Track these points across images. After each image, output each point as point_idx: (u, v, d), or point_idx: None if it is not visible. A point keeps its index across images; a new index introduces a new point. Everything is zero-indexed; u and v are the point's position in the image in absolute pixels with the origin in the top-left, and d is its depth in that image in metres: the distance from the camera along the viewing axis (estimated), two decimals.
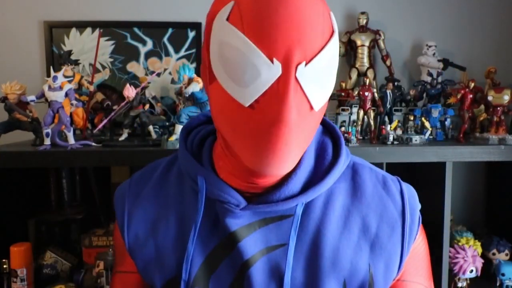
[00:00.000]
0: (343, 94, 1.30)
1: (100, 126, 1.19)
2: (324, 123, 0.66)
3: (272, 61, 0.45)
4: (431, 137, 1.25)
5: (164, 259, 0.60)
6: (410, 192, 0.63)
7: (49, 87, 1.06)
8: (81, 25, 1.48)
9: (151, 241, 0.62)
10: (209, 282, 0.57)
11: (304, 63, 0.46)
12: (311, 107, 0.48)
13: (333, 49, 0.49)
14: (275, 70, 0.45)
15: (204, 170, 0.59)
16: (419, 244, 0.63)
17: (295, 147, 0.48)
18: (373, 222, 0.59)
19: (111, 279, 0.72)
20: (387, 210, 0.60)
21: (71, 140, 1.08)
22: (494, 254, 1.29)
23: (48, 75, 1.07)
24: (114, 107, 1.21)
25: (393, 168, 0.94)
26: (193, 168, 0.60)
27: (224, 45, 0.48)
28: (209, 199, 0.58)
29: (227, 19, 0.48)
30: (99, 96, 1.28)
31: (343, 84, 1.40)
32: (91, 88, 1.22)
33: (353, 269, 0.56)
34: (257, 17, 0.46)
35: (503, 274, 1.23)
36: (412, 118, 1.26)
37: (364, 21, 1.47)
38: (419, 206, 0.63)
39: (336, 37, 0.50)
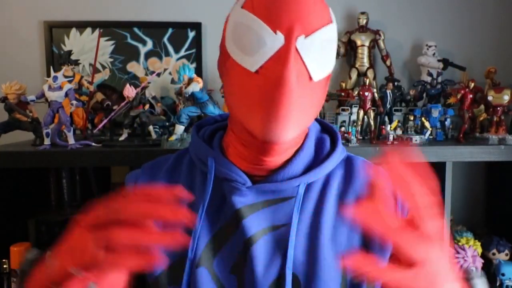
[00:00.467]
0: (343, 94, 1.30)
1: (100, 126, 1.19)
2: (322, 123, 0.73)
3: (275, 33, 0.53)
4: (431, 137, 1.25)
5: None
6: None
7: (49, 87, 1.06)
8: (81, 25, 1.48)
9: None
10: (214, 262, 0.60)
11: (303, 36, 0.53)
12: (310, 78, 0.55)
13: (331, 34, 0.57)
14: (278, 39, 0.53)
15: (214, 152, 0.65)
16: None
17: (296, 113, 0.53)
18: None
19: None
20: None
21: (71, 140, 1.08)
22: (494, 254, 1.29)
23: (48, 75, 1.07)
24: (114, 107, 1.21)
25: None
26: (204, 151, 0.66)
27: (238, 24, 0.57)
28: (217, 180, 0.63)
29: (242, 7, 0.57)
30: (99, 96, 1.28)
31: (343, 84, 1.40)
32: (91, 88, 1.22)
33: (350, 245, 0.61)
34: (266, 1, 0.55)
35: (503, 274, 1.23)
36: (412, 118, 1.27)
37: (364, 21, 1.47)
38: None
39: (333, 27, 0.57)
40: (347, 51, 1.51)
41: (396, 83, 1.34)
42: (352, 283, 0.60)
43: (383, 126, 1.23)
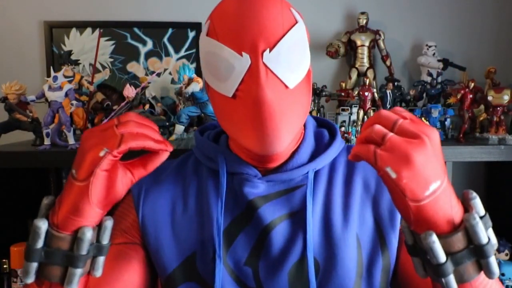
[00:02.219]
0: (343, 94, 1.30)
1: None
2: (317, 119, 0.75)
3: (241, 55, 0.55)
4: None
5: (180, 238, 0.64)
6: None
7: (49, 87, 1.06)
8: (81, 25, 1.48)
9: (168, 223, 0.65)
10: (227, 254, 0.62)
11: (268, 49, 0.54)
12: (286, 86, 0.56)
13: (298, 34, 0.58)
14: (244, 60, 0.55)
15: (223, 149, 0.67)
16: None
17: (282, 124, 0.55)
18: (371, 180, 0.66)
19: None
20: None
21: (71, 140, 1.08)
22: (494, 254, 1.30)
23: (48, 75, 1.07)
24: (114, 107, 1.21)
25: None
26: (212, 149, 0.68)
27: (207, 53, 0.59)
28: (228, 177, 0.65)
29: (207, 35, 0.60)
30: (99, 96, 1.28)
31: (343, 84, 1.40)
32: (91, 88, 1.22)
33: (361, 222, 0.63)
34: (225, 25, 0.57)
35: (503, 274, 1.23)
36: None
37: (364, 21, 1.47)
38: None
39: (299, 26, 0.58)
40: (347, 51, 1.51)
41: (396, 83, 1.34)
42: (368, 259, 0.62)
43: None
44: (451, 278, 0.44)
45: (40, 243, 0.49)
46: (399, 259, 0.63)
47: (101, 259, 0.52)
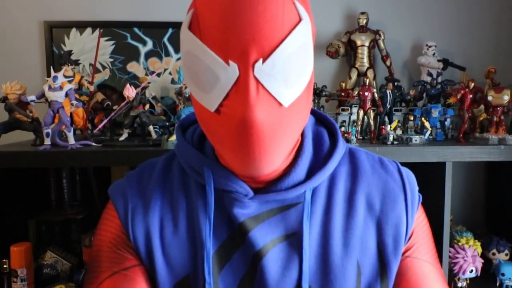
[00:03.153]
0: (343, 94, 1.30)
1: (100, 126, 1.19)
2: (315, 114, 0.66)
3: (228, 64, 0.44)
4: (431, 137, 1.25)
5: (172, 260, 0.58)
6: (408, 171, 0.64)
7: (49, 87, 1.06)
8: (81, 25, 1.48)
9: (158, 241, 0.59)
10: (218, 277, 0.56)
11: (261, 60, 0.44)
12: (280, 104, 0.47)
13: (300, 38, 0.46)
14: (231, 72, 0.44)
15: (210, 161, 0.58)
16: (421, 222, 0.63)
17: (272, 147, 0.47)
18: (376, 199, 0.59)
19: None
20: (388, 186, 0.61)
21: (71, 140, 1.08)
22: (494, 254, 1.30)
23: (48, 75, 1.07)
24: (114, 107, 1.21)
25: None
26: (198, 161, 0.58)
27: (187, 54, 0.49)
28: (216, 191, 0.58)
29: (189, 28, 0.48)
30: (99, 96, 1.28)
31: (343, 84, 1.40)
32: (91, 88, 1.23)
33: (363, 248, 0.57)
34: (211, 21, 0.45)
35: (503, 274, 1.23)
36: (412, 118, 1.27)
37: (364, 21, 1.47)
38: (417, 186, 0.63)
39: (304, 25, 0.47)
40: (347, 51, 1.51)
41: (396, 83, 1.34)
42: (366, 287, 0.57)
43: (383, 126, 1.23)
44: None
45: None
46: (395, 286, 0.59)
47: None
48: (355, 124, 1.26)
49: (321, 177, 0.57)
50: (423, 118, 1.26)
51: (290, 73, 0.46)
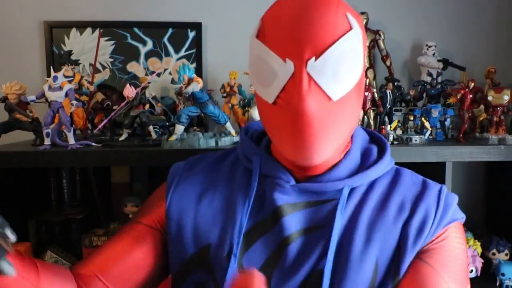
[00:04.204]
0: None
1: (100, 126, 1.19)
2: (371, 134, 0.73)
3: (285, 61, 0.53)
4: (431, 137, 1.25)
5: (200, 227, 0.65)
6: (451, 194, 0.65)
7: (49, 87, 1.06)
8: (81, 25, 1.48)
9: (192, 210, 0.66)
10: (244, 255, 0.61)
11: (314, 58, 0.52)
12: (329, 98, 0.53)
13: (349, 43, 0.54)
14: (288, 68, 0.53)
15: (261, 150, 0.66)
16: (454, 241, 0.62)
17: (322, 137, 0.53)
18: (408, 204, 0.62)
19: (125, 226, 0.73)
20: (423, 197, 0.63)
21: (71, 140, 1.08)
22: (494, 254, 1.29)
23: (48, 75, 1.07)
24: (114, 107, 1.21)
25: None
26: (251, 149, 0.68)
27: (254, 56, 0.58)
28: (260, 178, 0.64)
29: (257, 37, 0.58)
30: (99, 96, 1.28)
31: None
32: (91, 88, 1.22)
33: (385, 248, 0.59)
34: (273, 28, 0.55)
35: (503, 274, 1.23)
36: (412, 118, 1.26)
37: (364, 21, 1.47)
38: (454, 207, 0.63)
39: (354, 33, 0.54)
40: None
41: (396, 83, 1.34)
42: (379, 282, 0.59)
43: (383, 126, 1.23)
44: None
45: None
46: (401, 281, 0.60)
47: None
48: None
49: (361, 179, 0.62)
50: (423, 118, 1.26)
51: (339, 71, 0.53)
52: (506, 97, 1.20)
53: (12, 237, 0.56)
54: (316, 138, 0.53)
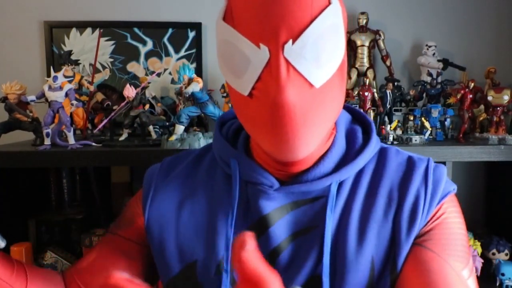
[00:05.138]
0: None
1: (100, 126, 1.19)
2: (353, 112, 0.66)
3: (258, 47, 0.46)
4: (431, 137, 1.25)
5: (184, 243, 0.60)
6: (438, 166, 0.61)
7: (49, 87, 1.06)
8: (81, 25, 1.48)
9: (173, 223, 0.61)
10: (234, 270, 0.56)
11: (291, 41, 0.45)
12: (311, 85, 0.47)
13: (330, 18, 0.47)
14: (262, 54, 0.46)
15: (237, 152, 0.59)
16: (450, 216, 0.58)
17: (305, 130, 0.47)
18: (395, 193, 0.58)
19: (101, 238, 0.70)
20: (410, 180, 0.58)
21: (71, 140, 1.08)
22: (494, 254, 1.29)
23: (48, 75, 1.07)
24: (114, 107, 1.21)
25: None
26: (226, 152, 0.60)
27: (222, 42, 0.50)
28: (240, 183, 0.59)
29: (223, 19, 0.50)
30: (99, 96, 1.28)
31: None
32: (91, 88, 1.22)
33: (379, 244, 0.55)
34: (243, 9, 0.47)
35: (503, 274, 1.23)
36: (412, 118, 1.26)
37: (364, 21, 1.47)
38: (444, 180, 0.59)
39: (333, 8, 0.48)
40: (347, 51, 1.51)
41: (396, 83, 1.34)
42: (377, 277, 0.55)
43: (383, 126, 1.23)
44: None
45: None
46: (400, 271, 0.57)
47: None
48: None
49: (348, 172, 0.57)
50: (423, 118, 1.26)
51: (320, 53, 0.47)
52: (506, 97, 1.20)
53: (1, 243, 0.53)
54: (299, 131, 0.47)
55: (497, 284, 1.25)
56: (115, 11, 1.50)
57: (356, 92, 1.26)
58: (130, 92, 1.13)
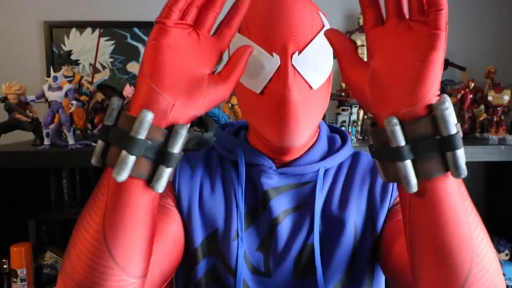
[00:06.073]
0: (343, 94, 1.30)
1: (100, 126, 1.19)
2: (330, 127, 0.82)
3: (272, 55, 0.59)
4: None
5: (206, 215, 0.69)
6: None
7: (49, 87, 1.06)
8: (81, 25, 1.49)
9: (197, 198, 0.71)
10: (245, 235, 0.68)
11: (297, 52, 0.59)
12: (310, 87, 0.60)
13: (323, 39, 0.61)
14: (274, 61, 0.59)
15: (241, 142, 0.72)
16: None
17: (303, 121, 0.60)
18: (367, 175, 0.72)
19: None
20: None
21: (71, 140, 1.08)
22: None
23: (48, 75, 1.07)
24: None
25: None
26: (232, 142, 0.73)
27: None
28: (246, 167, 0.71)
29: (239, 32, 0.63)
30: (99, 96, 1.28)
31: (343, 84, 1.40)
32: (91, 88, 1.23)
33: (358, 211, 0.68)
34: (257, 24, 0.61)
35: (503, 274, 1.23)
36: None
37: None
38: None
39: (326, 28, 0.58)
40: None
41: None
42: (360, 239, 0.67)
43: None
44: (408, 164, 0.42)
45: (144, 134, 0.42)
46: (383, 232, 0.68)
47: (165, 171, 0.44)
48: (355, 124, 1.26)
49: (333, 161, 0.71)
50: None
51: (318, 63, 0.61)
52: (506, 97, 1.20)
53: None
54: (299, 123, 0.59)
55: None
56: (115, 11, 1.50)
57: None
58: (130, 92, 1.13)
